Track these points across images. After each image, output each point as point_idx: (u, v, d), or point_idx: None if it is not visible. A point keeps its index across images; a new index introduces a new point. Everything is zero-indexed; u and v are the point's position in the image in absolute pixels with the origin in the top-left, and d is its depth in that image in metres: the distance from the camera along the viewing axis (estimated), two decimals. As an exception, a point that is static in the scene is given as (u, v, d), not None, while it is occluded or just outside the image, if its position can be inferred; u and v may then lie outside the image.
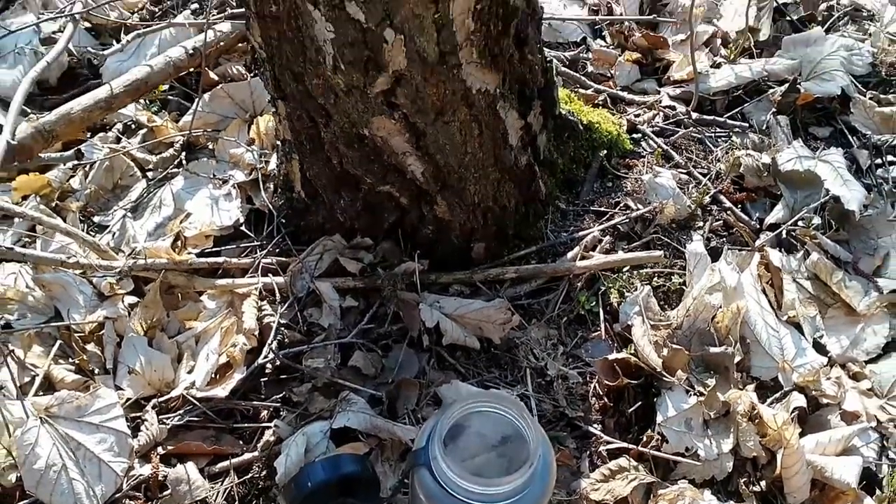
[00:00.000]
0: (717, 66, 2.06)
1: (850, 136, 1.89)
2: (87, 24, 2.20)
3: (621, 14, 2.25)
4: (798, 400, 1.38)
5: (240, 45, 2.01)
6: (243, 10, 1.35)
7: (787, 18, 2.21)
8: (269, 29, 1.28)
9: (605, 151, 1.77)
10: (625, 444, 1.35)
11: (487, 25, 1.29)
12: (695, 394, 1.38)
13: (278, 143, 1.64)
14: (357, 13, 1.16)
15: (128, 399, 1.41)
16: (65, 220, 1.68)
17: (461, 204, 1.50)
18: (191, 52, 1.83)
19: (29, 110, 1.86)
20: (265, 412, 1.40)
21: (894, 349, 1.50)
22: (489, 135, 1.44)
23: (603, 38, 2.24)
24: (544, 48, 1.95)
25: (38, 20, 2.09)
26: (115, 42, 2.15)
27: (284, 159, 1.62)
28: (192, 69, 1.92)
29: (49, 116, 1.60)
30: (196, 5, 2.31)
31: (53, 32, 2.15)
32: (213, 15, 1.97)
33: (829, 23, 2.17)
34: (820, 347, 1.50)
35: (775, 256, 1.57)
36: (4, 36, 1.94)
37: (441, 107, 1.33)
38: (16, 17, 2.21)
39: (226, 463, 1.34)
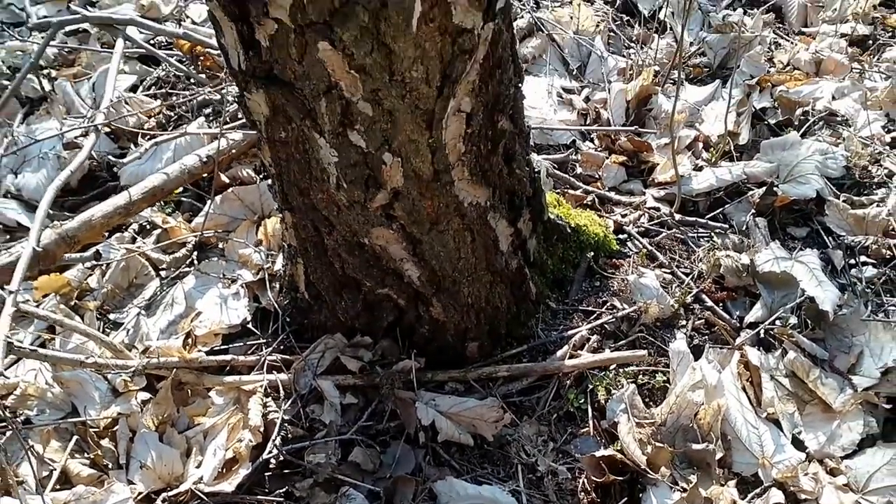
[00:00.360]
0: (699, 168, 2.18)
1: (825, 237, 1.99)
2: (107, 129, 2.34)
3: (608, 119, 2.38)
4: (777, 496, 1.45)
5: (252, 149, 2.14)
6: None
7: (766, 123, 2.35)
8: (278, 151, 1.40)
9: (593, 253, 1.87)
10: (611, 539, 1.42)
11: (478, 146, 1.41)
12: (678, 490, 1.45)
13: (284, 245, 1.75)
14: (358, 140, 1.28)
15: (139, 493, 1.48)
16: (83, 319, 1.78)
17: (455, 305, 1.60)
18: (204, 160, 1.96)
19: (51, 211, 1.98)
20: (268, 507, 1.48)
21: (869, 445, 1.56)
22: (481, 242, 1.55)
23: (591, 140, 2.37)
24: (536, 151, 2.08)
25: (61, 127, 2.23)
26: (132, 145, 2.29)
27: (290, 262, 1.73)
28: (205, 174, 2.04)
29: (71, 223, 1.72)
30: (209, 110, 2.46)
31: (75, 137, 2.29)
32: (227, 123, 2.11)
33: (804, 127, 2.30)
34: (798, 443, 1.57)
35: (754, 355, 1.66)
36: (30, 144, 2.08)
37: (436, 218, 1.44)
38: (40, 122, 2.36)
39: (230, 557, 1.41)
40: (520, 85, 1.50)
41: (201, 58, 2.38)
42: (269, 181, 1.56)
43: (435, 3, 1.14)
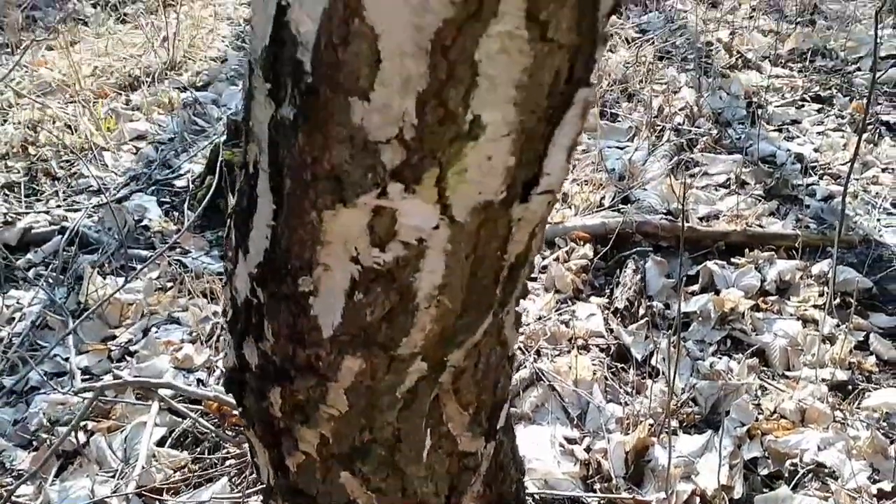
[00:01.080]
0: (698, 527, 2.28)
1: None
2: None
3: (609, 470, 2.52)
4: None
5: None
6: None
7: (757, 474, 2.47)
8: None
9: None
10: None
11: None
12: None
13: None
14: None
15: None
16: None
17: None
18: (227, 529, 2.09)
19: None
20: None
21: None
22: None
23: (594, 491, 2.48)
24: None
25: (93, 487, 2.38)
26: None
27: None
28: (225, 540, 2.16)
29: None
30: (232, 460, 2.61)
31: (105, 497, 2.42)
32: (249, 487, 2.25)
33: (794, 480, 2.41)
34: None
35: None
36: (65, 512, 2.22)
37: None
38: (74, 479, 2.50)
39: None
40: (521, 479, 1.66)
41: (228, 416, 2.58)
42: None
43: (442, 435, 1.33)
